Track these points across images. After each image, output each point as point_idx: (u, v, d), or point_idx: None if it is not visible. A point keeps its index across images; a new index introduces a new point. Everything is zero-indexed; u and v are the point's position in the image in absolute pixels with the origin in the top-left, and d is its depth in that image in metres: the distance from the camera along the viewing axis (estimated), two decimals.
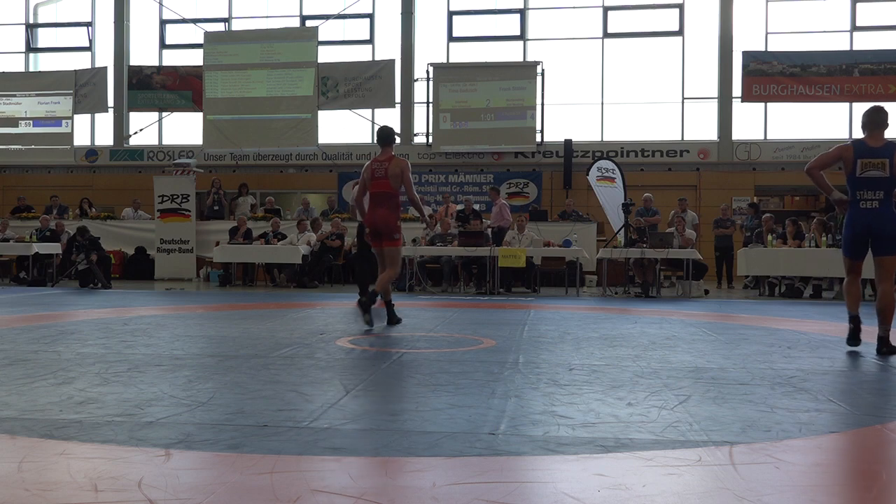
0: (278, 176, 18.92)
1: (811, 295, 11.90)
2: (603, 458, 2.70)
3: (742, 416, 3.36)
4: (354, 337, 6.07)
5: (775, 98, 17.12)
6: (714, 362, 4.91)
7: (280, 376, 4.28)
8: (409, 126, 18.59)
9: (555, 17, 18.30)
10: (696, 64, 17.81)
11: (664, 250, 11.32)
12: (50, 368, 4.45)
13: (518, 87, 17.75)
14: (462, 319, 7.69)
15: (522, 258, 11.60)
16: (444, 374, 4.38)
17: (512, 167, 18.06)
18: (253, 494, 2.28)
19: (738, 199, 16.96)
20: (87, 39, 20.10)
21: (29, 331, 6.34)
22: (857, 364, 4.95)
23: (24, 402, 3.56)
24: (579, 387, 4.01)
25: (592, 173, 15.83)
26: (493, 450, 2.79)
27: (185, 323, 7.11)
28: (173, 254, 14.95)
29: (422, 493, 2.31)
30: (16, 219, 15.60)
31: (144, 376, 4.23)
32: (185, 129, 19.54)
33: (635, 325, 7.15)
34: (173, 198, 15.01)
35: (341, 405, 3.51)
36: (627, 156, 17.47)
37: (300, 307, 9.08)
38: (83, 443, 2.85)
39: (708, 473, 2.57)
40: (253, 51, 18.62)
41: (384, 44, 18.84)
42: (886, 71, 16.85)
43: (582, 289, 12.51)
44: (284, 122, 18.44)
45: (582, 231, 13.74)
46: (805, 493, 2.41)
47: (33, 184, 19.22)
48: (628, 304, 10.15)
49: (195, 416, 3.28)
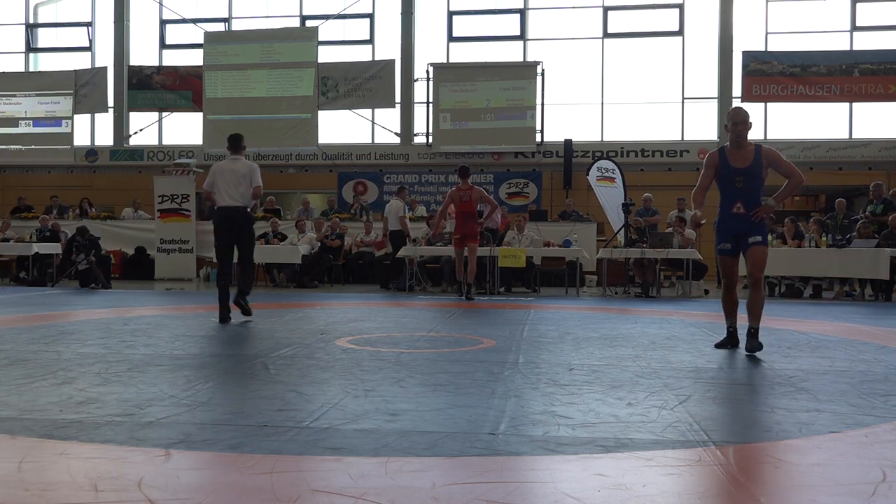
0: (278, 176, 18.91)
1: (811, 295, 11.90)
2: (603, 458, 2.70)
3: (742, 416, 3.36)
4: (354, 337, 6.07)
5: (775, 98, 17.12)
6: (714, 362, 4.91)
7: (280, 376, 4.27)
8: (409, 126, 18.59)
9: (555, 17, 18.31)
10: (696, 64, 17.82)
11: (664, 250, 11.31)
12: (50, 368, 4.45)
13: (518, 87, 17.76)
14: (462, 319, 7.69)
15: (522, 258, 11.60)
16: (444, 374, 4.38)
17: (512, 167, 18.06)
18: (253, 494, 2.28)
19: None
20: (87, 39, 20.11)
21: (29, 331, 6.34)
22: (857, 364, 4.95)
23: (24, 402, 3.56)
24: (579, 387, 4.01)
25: (592, 173, 15.84)
26: (493, 450, 2.79)
27: (185, 323, 7.10)
28: (173, 254, 14.95)
29: (422, 493, 2.31)
30: (16, 219, 15.59)
31: (144, 376, 4.23)
32: (185, 129, 19.55)
33: (635, 325, 7.15)
34: (173, 198, 15.01)
35: (341, 405, 3.51)
36: (627, 156, 17.48)
37: (300, 307, 9.08)
38: (83, 443, 2.85)
39: (708, 473, 2.57)
40: (253, 51, 18.63)
41: (384, 44, 18.85)
42: (886, 71, 16.86)
43: (582, 289, 12.51)
44: (284, 122, 18.45)
45: (582, 231, 13.74)
46: (805, 493, 2.41)
47: (33, 184, 19.22)
48: (628, 304, 10.14)
49: (195, 416, 3.28)
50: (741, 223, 5.26)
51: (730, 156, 5.26)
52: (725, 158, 5.27)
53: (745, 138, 5.23)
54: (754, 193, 5.27)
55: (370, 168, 18.48)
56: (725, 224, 5.33)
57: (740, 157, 5.23)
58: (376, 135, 18.82)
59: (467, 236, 10.25)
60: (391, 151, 18.55)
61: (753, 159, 5.21)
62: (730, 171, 5.23)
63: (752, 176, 5.21)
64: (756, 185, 5.25)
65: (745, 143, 5.23)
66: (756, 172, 5.20)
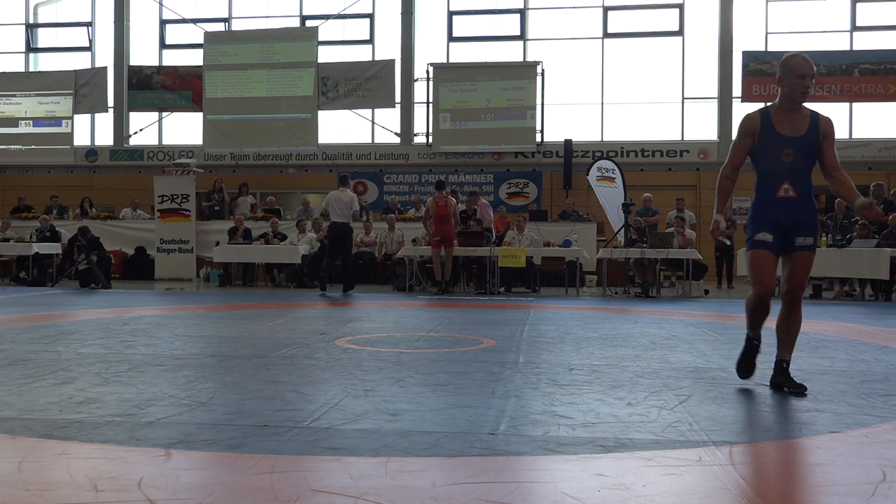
0: (278, 176, 18.91)
1: (811, 295, 11.90)
2: (603, 458, 2.70)
3: (742, 416, 3.36)
4: (354, 337, 6.07)
5: (775, 98, 17.10)
6: (714, 362, 4.91)
7: (280, 376, 4.27)
8: (409, 126, 18.59)
9: (555, 17, 18.30)
10: (696, 64, 17.81)
11: (664, 250, 11.31)
12: (50, 368, 4.45)
13: (518, 87, 17.75)
14: (462, 319, 7.69)
15: (522, 258, 11.61)
16: (444, 374, 4.38)
17: (512, 167, 18.06)
18: (253, 494, 2.28)
19: (739, 200, 16.95)
20: (87, 39, 20.10)
21: (29, 331, 6.34)
22: (857, 364, 4.95)
23: (24, 402, 3.56)
24: (579, 387, 4.01)
25: (592, 173, 15.83)
26: (493, 450, 2.79)
27: (185, 323, 7.10)
28: (173, 254, 14.95)
29: (422, 493, 2.31)
30: (16, 219, 15.59)
31: (144, 376, 4.23)
32: (185, 129, 19.54)
33: (635, 325, 7.15)
34: (173, 198, 15.00)
35: (341, 405, 3.51)
36: (627, 156, 17.47)
37: (300, 307, 9.08)
38: (83, 443, 2.85)
39: (708, 473, 2.57)
40: (253, 51, 18.62)
41: (384, 44, 18.84)
42: (886, 71, 16.86)
43: (582, 289, 12.51)
44: (284, 122, 18.44)
45: (582, 231, 13.74)
46: (805, 493, 2.41)
47: (33, 184, 19.21)
48: (628, 304, 10.14)
49: (195, 416, 3.28)
50: (790, 211, 3.91)
51: (777, 120, 3.98)
52: (771, 123, 3.97)
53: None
54: (805, 175, 3.95)
55: (370, 168, 18.48)
56: (767, 211, 3.96)
57: (792, 122, 3.96)
58: (376, 135, 18.82)
59: (444, 239, 11.55)
60: (391, 151, 18.55)
61: (809, 127, 3.95)
62: (777, 141, 3.93)
63: (806, 150, 3.92)
64: (808, 162, 3.95)
65: (802, 107, 3.99)
66: (811, 146, 3.94)
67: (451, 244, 11.65)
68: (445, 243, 11.61)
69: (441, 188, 11.97)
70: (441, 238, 11.58)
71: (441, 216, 11.62)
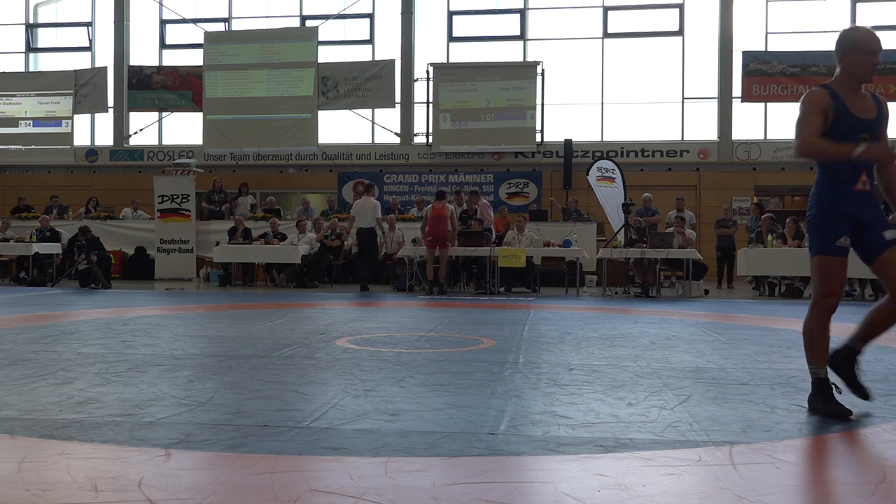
0: (278, 176, 18.91)
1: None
2: (603, 458, 2.70)
3: (742, 416, 3.36)
4: (354, 337, 6.07)
5: (775, 98, 17.11)
6: (714, 362, 4.91)
7: (280, 376, 4.28)
8: (409, 126, 18.58)
9: (555, 17, 18.30)
10: (696, 64, 17.80)
11: (664, 250, 11.32)
12: (50, 368, 4.45)
13: (518, 87, 17.75)
14: (462, 319, 7.69)
15: (522, 258, 11.61)
16: (444, 374, 4.38)
17: (512, 167, 18.06)
18: (253, 494, 2.28)
19: (739, 200, 16.96)
20: (87, 39, 20.09)
21: (29, 331, 6.34)
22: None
23: (24, 402, 3.56)
24: (579, 387, 4.01)
25: (592, 173, 15.83)
26: (493, 450, 2.79)
27: (185, 323, 7.10)
28: (173, 254, 14.95)
29: (422, 493, 2.31)
30: (16, 219, 15.59)
31: (144, 376, 4.23)
32: (185, 129, 19.53)
33: (635, 325, 7.15)
34: (173, 198, 15.01)
35: (341, 405, 3.51)
36: (627, 156, 17.46)
37: (300, 307, 9.08)
38: (83, 443, 2.85)
39: (708, 473, 2.57)
40: (253, 51, 18.62)
41: (384, 44, 18.84)
42: (886, 71, 16.83)
43: (582, 289, 12.51)
44: (284, 122, 18.44)
45: (582, 231, 13.74)
46: (805, 493, 2.41)
47: (33, 184, 19.21)
48: (628, 304, 10.14)
49: (195, 416, 3.28)
50: (870, 207, 3.42)
51: (848, 100, 3.41)
52: (843, 103, 3.40)
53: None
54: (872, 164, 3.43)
55: (370, 168, 18.47)
56: (844, 208, 3.40)
57: (863, 103, 3.43)
58: (376, 135, 18.82)
59: (438, 239, 11.61)
60: (391, 151, 18.54)
61: (878, 111, 3.44)
62: (853, 124, 3.37)
63: (876, 136, 3.39)
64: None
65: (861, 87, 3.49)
66: (880, 130, 3.43)
67: (445, 245, 11.65)
68: (439, 243, 11.61)
69: (441, 198, 11.92)
70: (434, 238, 11.59)
71: (437, 217, 11.62)
